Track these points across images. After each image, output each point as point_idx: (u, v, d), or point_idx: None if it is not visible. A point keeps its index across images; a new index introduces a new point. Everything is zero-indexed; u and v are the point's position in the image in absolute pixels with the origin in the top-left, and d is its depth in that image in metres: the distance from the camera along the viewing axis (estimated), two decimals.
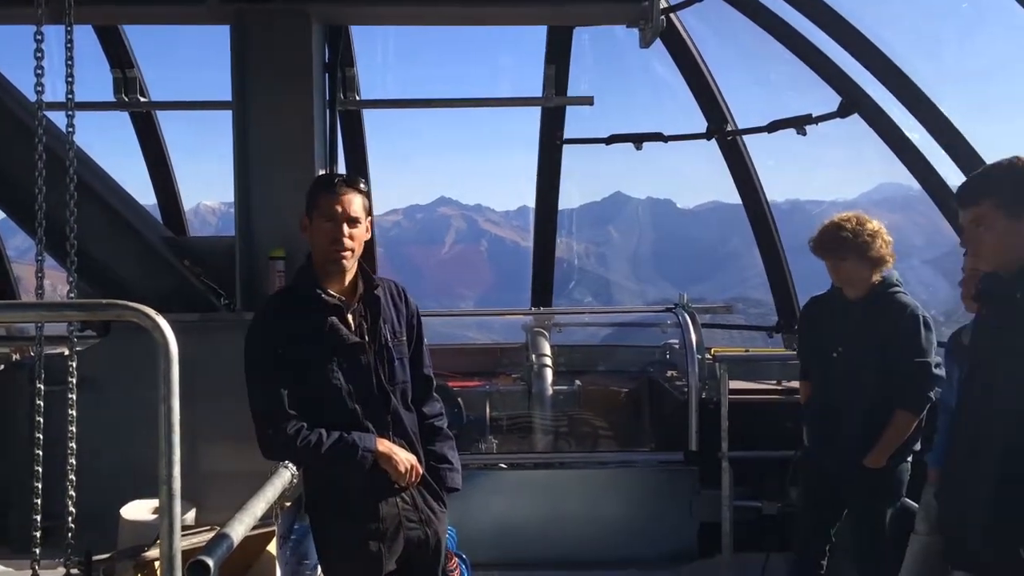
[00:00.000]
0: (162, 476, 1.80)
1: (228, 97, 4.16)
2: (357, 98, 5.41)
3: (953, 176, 4.74)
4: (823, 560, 4.02)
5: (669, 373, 6.07)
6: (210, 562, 2.04)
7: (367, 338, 2.81)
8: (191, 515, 4.07)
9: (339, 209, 2.73)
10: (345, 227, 2.73)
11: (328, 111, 4.38)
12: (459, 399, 5.91)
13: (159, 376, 1.77)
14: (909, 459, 3.80)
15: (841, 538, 4.07)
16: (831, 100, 5.38)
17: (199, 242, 4.93)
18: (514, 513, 5.21)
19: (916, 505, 3.65)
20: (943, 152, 4.71)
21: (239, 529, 2.28)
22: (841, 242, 3.75)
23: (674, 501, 5.26)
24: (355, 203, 2.77)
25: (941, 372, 3.66)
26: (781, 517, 4.92)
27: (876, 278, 3.79)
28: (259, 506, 2.44)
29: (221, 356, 3.92)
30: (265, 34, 4.02)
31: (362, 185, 2.84)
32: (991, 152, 2.65)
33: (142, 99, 5.94)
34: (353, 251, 2.77)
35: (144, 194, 6.55)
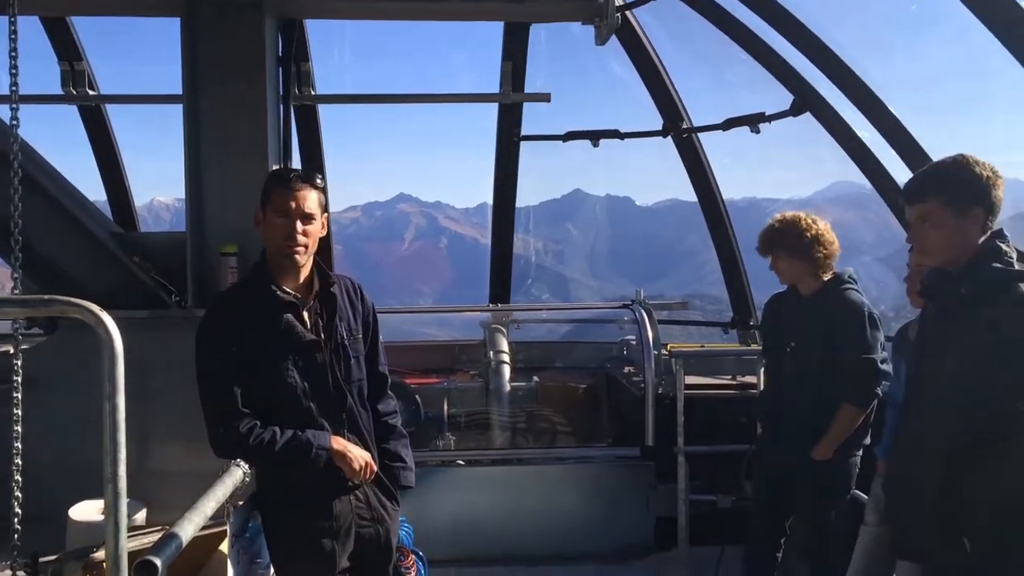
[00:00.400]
0: (107, 475, 1.76)
1: (179, 91, 4.10)
2: (312, 93, 5.36)
3: (903, 175, 4.83)
4: (777, 552, 4.08)
5: (626, 369, 6.12)
6: (158, 562, 2.00)
7: (323, 336, 2.78)
8: (141, 515, 4.00)
9: (293, 205, 2.70)
10: (299, 223, 2.70)
11: (282, 105, 4.33)
12: (417, 396, 5.89)
13: (103, 373, 1.74)
14: (859, 453, 3.87)
15: (794, 531, 4.14)
16: (785, 99, 5.45)
17: (149, 238, 4.83)
18: (472, 510, 5.21)
19: (866, 497, 3.73)
20: (893, 151, 4.79)
21: (188, 529, 2.24)
22: (772, 242, 3.87)
23: (631, 496, 5.30)
24: (310, 199, 2.73)
25: (887, 368, 3.73)
26: (736, 510, 4.99)
27: (826, 275, 3.86)
28: (209, 505, 2.40)
29: (172, 353, 3.87)
30: (216, 26, 3.95)
31: (318, 181, 2.81)
32: (939, 152, 2.71)
33: (91, 92, 5.81)
34: (307, 247, 2.73)
35: (95, 190, 6.44)
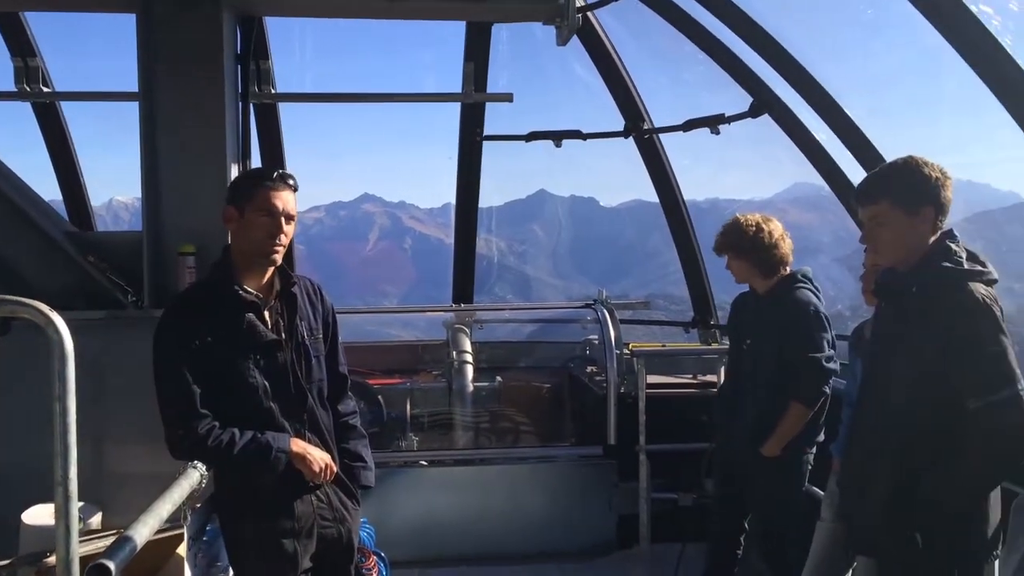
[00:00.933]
0: (57, 478, 1.74)
1: (135, 88, 4.04)
2: (272, 91, 5.31)
3: (858, 176, 4.91)
4: (737, 549, 4.13)
5: (589, 368, 6.15)
6: (111, 566, 1.97)
7: (284, 336, 2.78)
8: (97, 519, 3.93)
9: (279, 205, 2.70)
10: (282, 223, 2.71)
11: (241, 104, 4.28)
12: (379, 397, 5.88)
13: (54, 374, 1.72)
14: (812, 451, 3.93)
15: (752, 527, 4.19)
16: (744, 101, 5.52)
17: (105, 237, 4.75)
18: (435, 510, 5.21)
19: (822, 494, 3.78)
20: (848, 153, 4.87)
21: (143, 531, 2.21)
22: (725, 242, 3.97)
23: (593, 495, 5.34)
24: (291, 200, 2.76)
25: (834, 365, 3.80)
26: (697, 508, 5.05)
27: (779, 275, 3.93)
28: (165, 507, 2.37)
29: (129, 354, 3.81)
30: (173, 22, 3.89)
31: (293, 182, 2.81)
32: (893, 153, 2.77)
33: (45, 89, 5.70)
34: (284, 247, 2.75)
35: (50, 189, 6.32)
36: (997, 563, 2.69)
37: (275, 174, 2.76)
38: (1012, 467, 2.50)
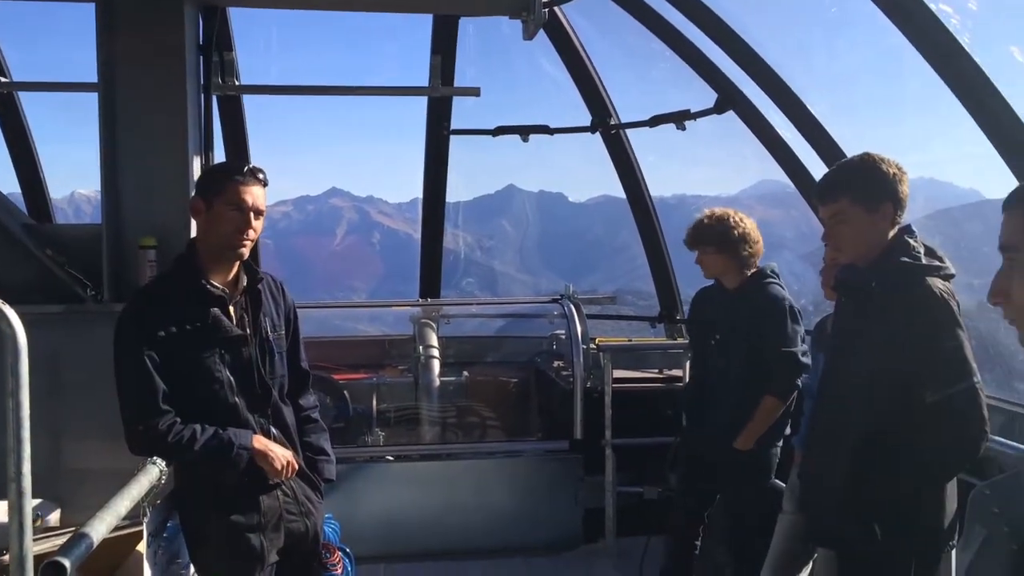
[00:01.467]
0: (11, 473, 1.71)
1: (95, 79, 3.97)
2: (236, 83, 5.24)
3: (822, 174, 4.96)
4: (696, 541, 4.16)
5: (556, 363, 6.16)
6: (66, 563, 1.94)
7: (248, 331, 2.76)
8: (55, 516, 3.87)
9: (249, 200, 2.69)
10: (252, 218, 2.70)
11: (203, 96, 4.23)
12: (345, 392, 5.84)
13: (6, 369, 1.68)
14: (779, 444, 3.97)
15: (714, 519, 4.22)
16: (710, 98, 5.55)
17: (64, 230, 4.68)
18: (401, 505, 5.18)
19: (784, 486, 3.83)
20: (812, 150, 4.92)
21: (100, 528, 2.17)
22: (699, 237, 3.94)
23: (559, 489, 5.35)
24: (261, 195, 2.75)
25: (806, 360, 3.84)
26: (662, 501, 5.07)
27: (750, 271, 3.95)
28: (123, 504, 2.34)
29: (88, 349, 3.76)
30: (133, 12, 3.84)
31: (263, 176, 2.79)
32: (857, 151, 2.81)
33: (2, 80, 5.59)
34: (252, 242, 2.74)
35: (8, 181, 6.21)
36: (954, 553, 2.74)
37: (246, 168, 2.74)
38: (969, 459, 2.54)
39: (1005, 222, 1.37)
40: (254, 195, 2.71)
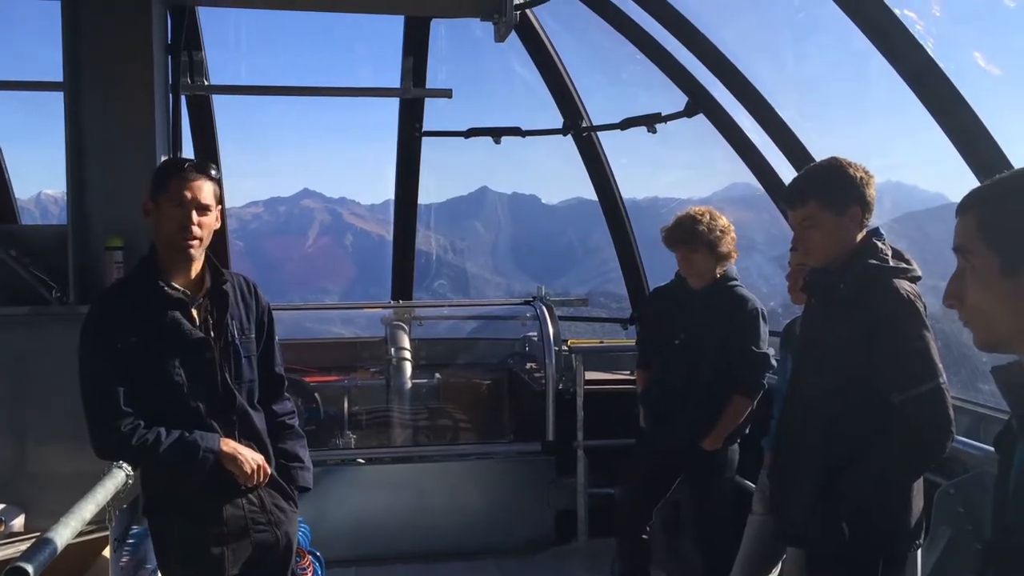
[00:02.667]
0: None
1: (60, 78, 3.92)
2: (205, 83, 5.19)
3: (790, 177, 5.00)
4: (643, 535, 4.16)
5: (528, 365, 6.16)
6: (29, 568, 1.90)
7: (212, 334, 2.70)
8: (19, 521, 3.81)
9: (188, 195, 2.62)
10: (194, 214, 2.62)
11: (171, 95, 4.18)
12: (316, 394, 5.80)
13: None
14: (738, 440, 4.01)
15: (683, 519, 4.24)
16: (681, 101, 5.58)
17: (29, 231, 4.60)
18: (372, 508, 5.16)
19: (753, 485, 3.86)
20: (781, 153, 4.96)
21: (65, 533, 2.13)
22: (694, 234, 3.91)
23: (531, 490, 5.36)
24: (205, 189, 2.66)
25: (774, 361, 3.89)
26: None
27: (719, 271, 3.98)
28: (88, 509, 2.30)
29: (53, 351, 3.71)
30: (99, 9, 3.79)
31: (213, 172, 2.73)
32: (825, 155, 2.84)
33: None
34: (201, 240, 2.66)
35: None
36: (920, 552, 2.78)
37: (186, 163, 2.69)
38: (934, 459, 2.57)
39: (958, 225, 1.40)
40: (195, 189, 2.63)
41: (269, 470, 2.77)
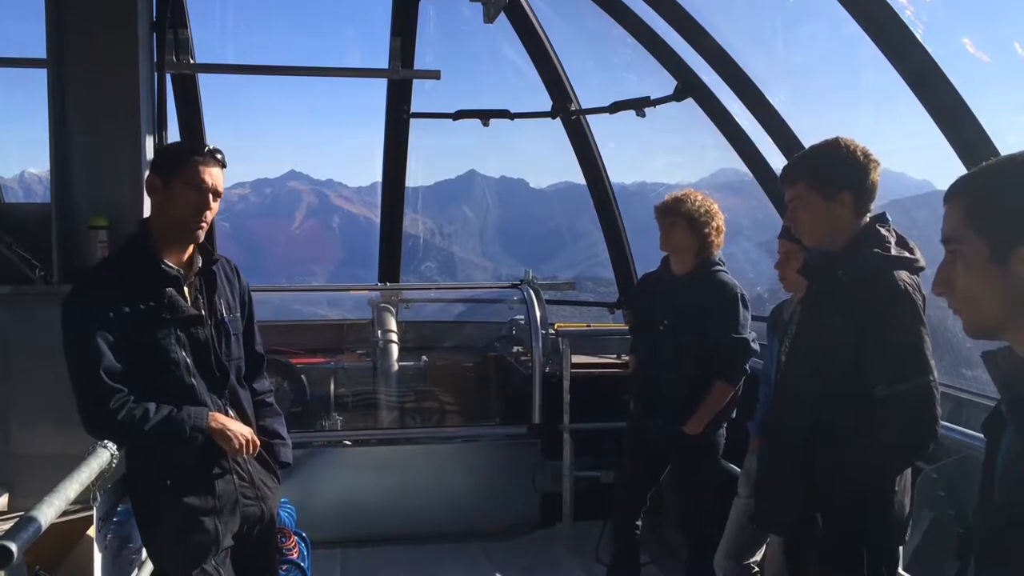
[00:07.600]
0: None
1: (43, 54, 3.87)
2: (191, 61, 5.14)
3: (780, 163, 5.00)
4: (637, 521, 4.19)
5: (515, 348, 6.17)
6: (13, 547, 1.89)
7: (204, 312, 2.73)
8: (3, 501, 3.80)
9: (209, 181, 2.65)
10: (210, 199, 2.66)
11: (156, 74, 4.14)
12: (303, 376, 5.80)
13: None
14: (724, 425, 4.02)
15: (668, 503, 4.26)
16: (671, 86, 5.56)
17: (11, 209, 4.57)
18: (358, 490, 5.17)
19: (739, 469, 3.88)
20: (770, 139, 4.95)
21: (48, 512, 2.12)
22: (677, 208, 3.91)
23: (517, 473, 5.37)
24: (220, 177, 2.71)
25: (756, 347, 3.89)
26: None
27: (703, 255, 3.97)
28: (72, 488, 2.29)
29: (36, 330, 3.69)
30: None
31: (223, 160, 2.75)
32: (813, 140, 2.80)
33: None
34: (208, 224, 2.71)
35: None
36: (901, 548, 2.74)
37: (206, 149, 2.70)
38: (916, 456, 2.53)
39: (946, 214, 1.40)
40: (213, 176, 2.67)
41: (258, 443, 2.79)
